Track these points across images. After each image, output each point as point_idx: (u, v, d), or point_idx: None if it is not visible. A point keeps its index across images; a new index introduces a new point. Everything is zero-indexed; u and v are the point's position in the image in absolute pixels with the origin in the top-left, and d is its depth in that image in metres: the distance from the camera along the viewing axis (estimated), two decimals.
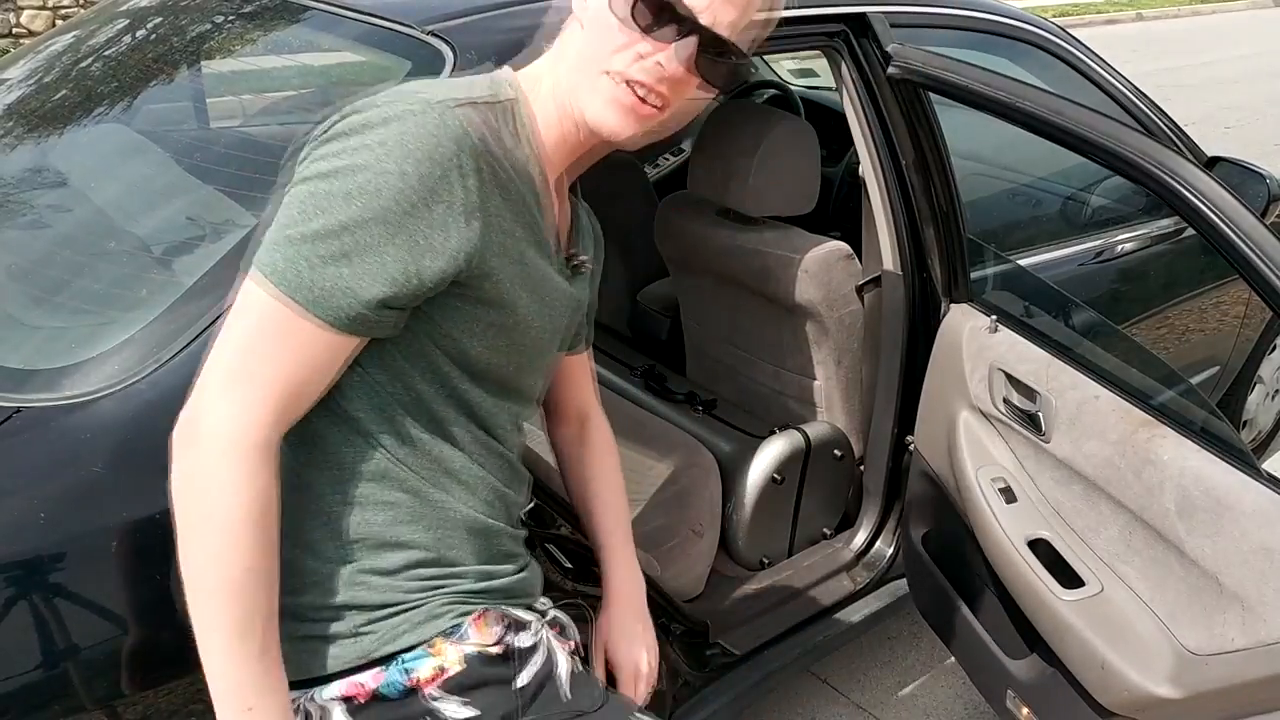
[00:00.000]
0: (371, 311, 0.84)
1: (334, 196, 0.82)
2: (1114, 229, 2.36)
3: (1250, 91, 8.79)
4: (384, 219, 0.82)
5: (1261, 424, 3.07)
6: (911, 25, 1.87)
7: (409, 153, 0.82)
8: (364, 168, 0.82)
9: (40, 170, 1.53)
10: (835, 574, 1.99)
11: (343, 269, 0.82)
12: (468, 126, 0.85)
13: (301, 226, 0.82)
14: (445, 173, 0.83)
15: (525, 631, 1.01)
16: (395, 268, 0.83)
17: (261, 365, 0.83)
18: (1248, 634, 1.34)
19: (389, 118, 0.83)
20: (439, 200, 0.83)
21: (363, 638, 0.94)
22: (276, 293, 0.82)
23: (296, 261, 0.82)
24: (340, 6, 1.56)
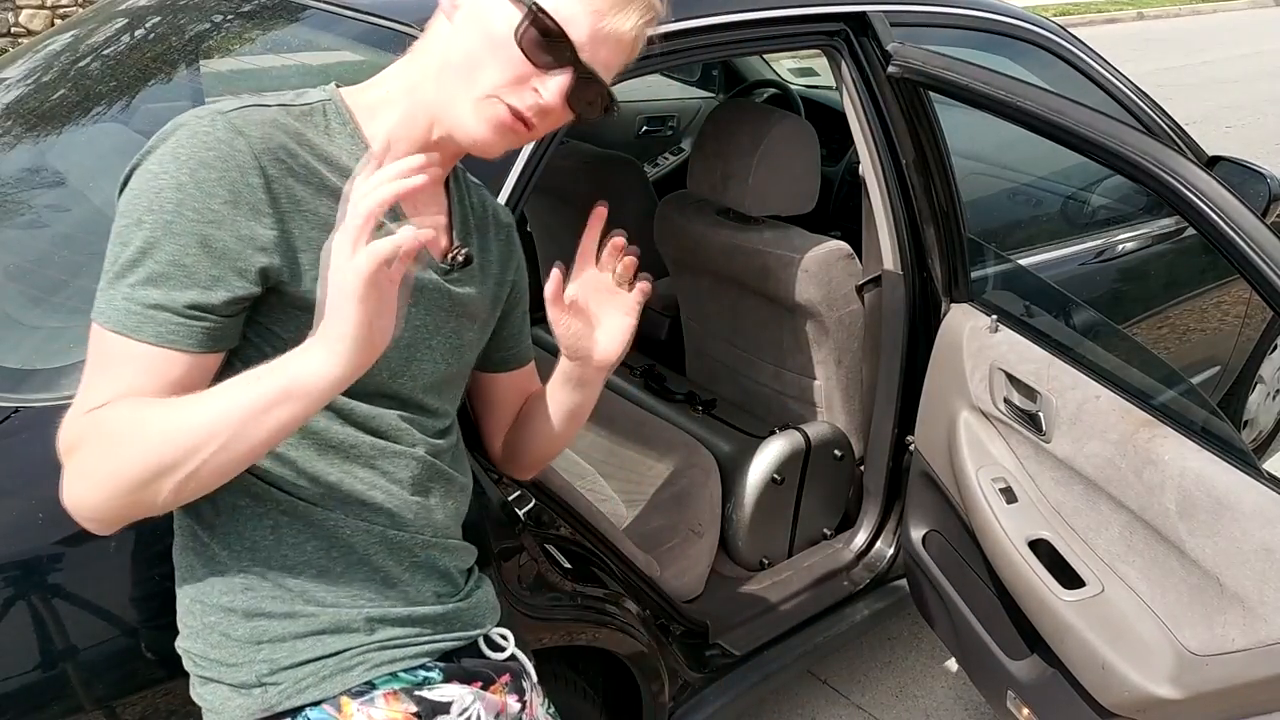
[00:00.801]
0: (192, 319, 0.82)
1: (128, 228, 0.82)
2: (1114, 228, 2.35)
3: (1251, 91, 8.79)
4: (173, 231, 0.81)
5: (1262, 424, 3.07)
6: (912, 24, 1.86)
7: (181, 163, 0.82)
8: (145, 190, 0.82)
9: (39, 170, 1.53)
10: (835, 574, 1.99)
11: (152, 290, 0.82)
12: (243, 127, 0.85)
13: (112, 265, 0.83)
14: (224, 173, 0.83)
15: (444, 715, 0.95)
16: (198, 271, 0.82)
17: (107, 384, 0.83)
18: (1248, 634, 1.34)
19: (165, 136, 0.84)
20: (220, 200, 0.83)
21: (269, 689, 0.92)
22: (108, 333, 0.83)
23: (114, 298, 0.82)
24: (339, 5, 1.56)
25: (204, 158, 0.82)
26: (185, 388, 0.83)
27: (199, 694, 0.95)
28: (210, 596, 0.93)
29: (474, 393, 1.15)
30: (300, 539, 0.92)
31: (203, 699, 0.95)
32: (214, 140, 0.83)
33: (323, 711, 0.92)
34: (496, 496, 1.34)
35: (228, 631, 0.92)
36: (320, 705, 0.92)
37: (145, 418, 0.80)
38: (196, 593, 0.94)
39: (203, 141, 0.83)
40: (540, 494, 1.41)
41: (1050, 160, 2.46)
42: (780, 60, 3.68)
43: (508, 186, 1.31)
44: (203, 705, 0.95)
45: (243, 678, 0.92)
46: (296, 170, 0.87)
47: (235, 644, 0.92)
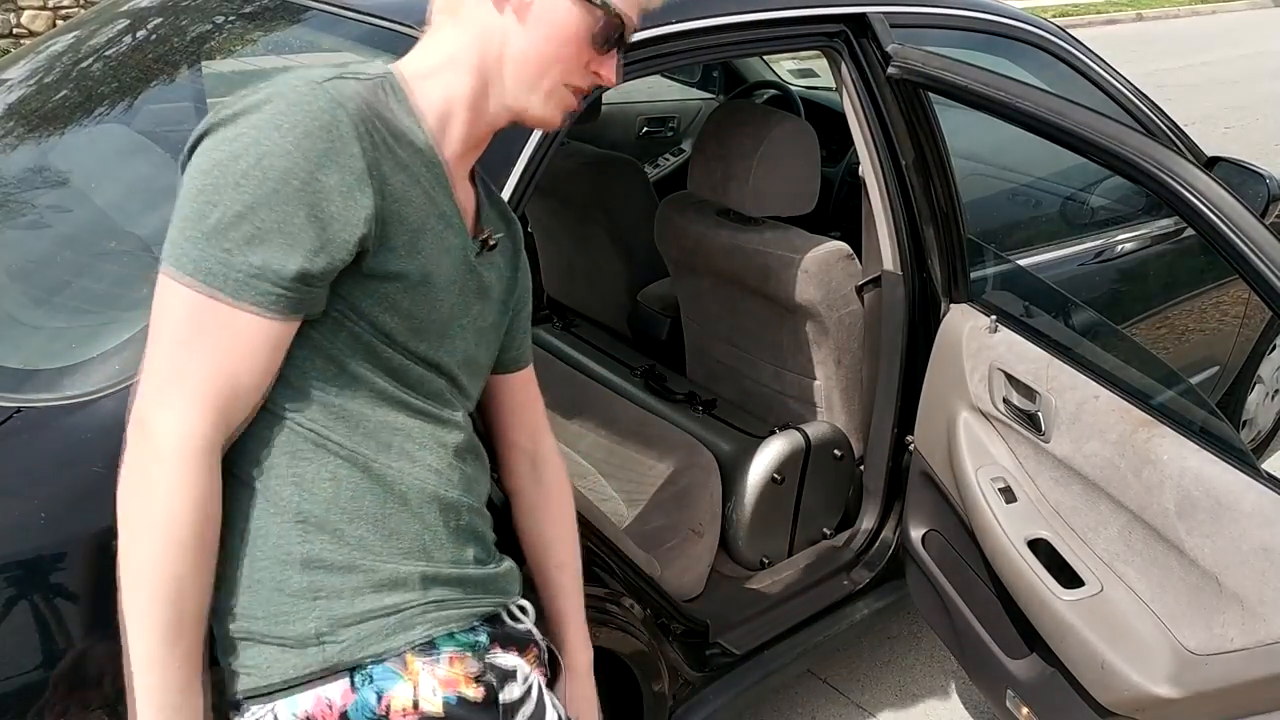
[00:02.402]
0: (291, 290, 0.84)
1: (225, 188, 0.82)
2: (1114, 229, 2.36)
3: (1250, 91, 8.79)
4: (279, 198, 0.82)
5: (1261, 424, 3.07)
6: (911, 25, 1.87)
7: (285, 132, 0.83)
8: (248, 151, 0.83)
9: (41, 170, 1.53)
10: (835, 574, 1.99)
11: (253, 254, 0.82)
12: (341, 97, 0.86)
13: (202, 222, 0.82)
14: (330, 143, 0.84)
15: (513, 682, 0.97)
16: (303, 241, 0.83)
17: (195, 367, 0.83)
18: (1247, 634, 1.34)
19: (262, 101, 0.85)
20: (328, 170, 0.84)
21: (327, 645, 0.90)
22: (199, 287, 0.82)
23: (208, 256, 0.82)
24: (340, 6, 1.56)
25: (308, 127, 0.84)
26: (273, 356, 0.85)
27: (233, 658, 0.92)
28: (262, 548, 0.90)
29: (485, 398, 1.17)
30: (360, 489, 0.92)
31: (240, 663, 0.92)
32: (317, 110, 0.84)
33: (387, 668, 0.91)
34: (497, 497, 1.34)
35: (282, 585, 0.90)
36: (384, 661, 0.91)
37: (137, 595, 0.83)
38: (244, 546, 0.91)
39: (306, 111, 0.84)
40: None
41: (1049, 161, 2.47)
42: (780, 61, 3.68)
43: (509, 187, 1.31)
44: (240, 670, 0.92)
45: (298, 632, 0.90)
46: (379, 143, 0.88)
47: (290, 598, 0.90)
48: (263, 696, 0.91)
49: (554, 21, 0.94)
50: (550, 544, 1.19)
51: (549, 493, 1.19)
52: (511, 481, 1.20)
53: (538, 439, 1.19)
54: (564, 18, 0.94)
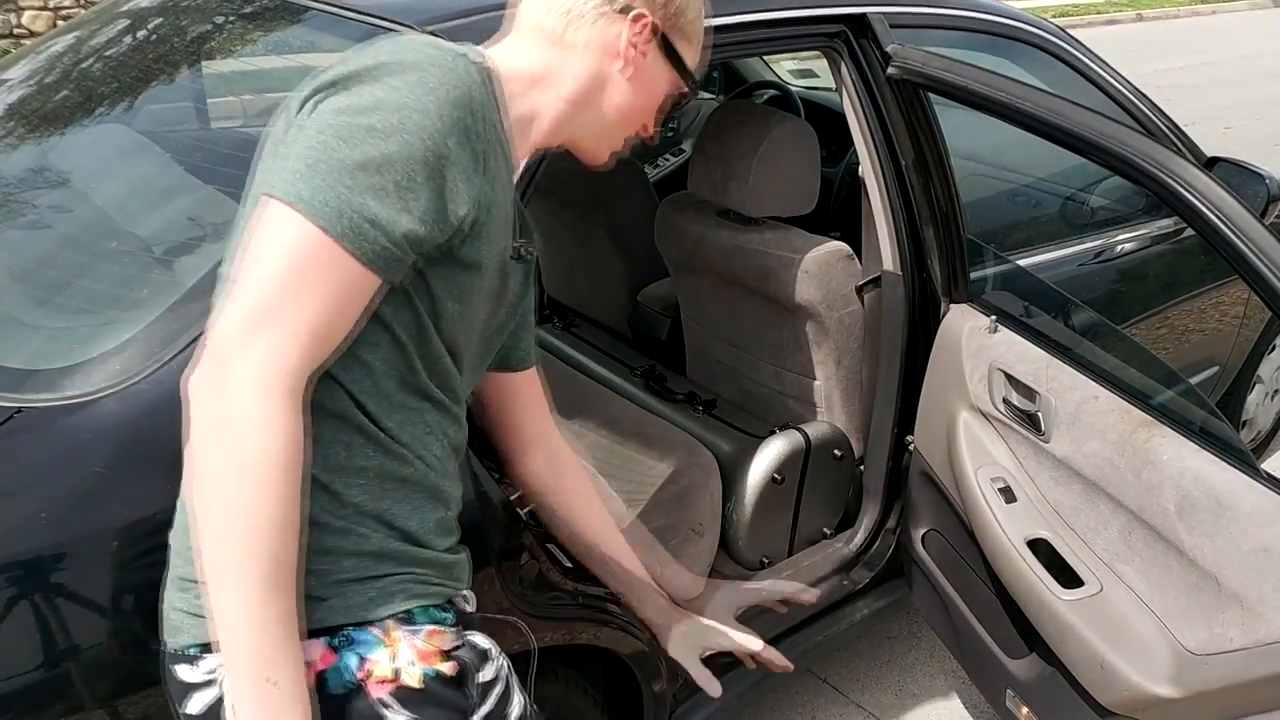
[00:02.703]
0: (399, 249, 0.84)
1: (357, 129, 0.81)
2: (1113, 229, 2.36)
3: (1250, 92, 8.79)
4: (417, 157, 0.82)
5: (1261, 424, 3.07)
6: (911, 26, 1.87)
7: (440, 97, 0.84)
8: (397, 106, 0.82)
9: (42, 170, 1.53)
10: (835, 574, 2.00)
11: (371, 201, 0.81)
12: (480, 78, 0.88)
13: (328, 158, 0.81)
14: (472, 121, 0.86)
15: (488, 663, 0.98)
16: (425, 206, 0.83)
17: (295, 302, 0.80)
18: (1247, 634, 1.34)
19: (417, 61, 0.85)
20: (464, 146, 0.85)
21: (311, 603, 0.88)
22: (308, 225, 0.81)
23: (328, 193, 0.81)
24: (340, 7, 1.56)
25: (454, 96, 0.85)
26: (363, 309, 0.84)
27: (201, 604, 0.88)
28: None
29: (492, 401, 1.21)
30: (369, 463, 0.91)
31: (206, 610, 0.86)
32: (462, 82, 0.86)
33: (368, 634, 0.90)
34: (498, 496, 1.34)
35: None
36: (365, 627, 0.90)
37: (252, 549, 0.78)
38: None
39: (453, 79, 0.85)
40: None
41: (1049, 161, 2.47)
42: (780, 62, 3.68)
43: None
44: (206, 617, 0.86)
45: None
46: (489, 131, 0.90)
47: None
48: None
49: (655, 83, 1.05)
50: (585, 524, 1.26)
51: (570, 478, 1.25)
52: (531, 478, 1.24)
53: (549, 431, 1.24)
54: (663, 84, 1.06)
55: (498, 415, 1.22)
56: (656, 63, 1.04)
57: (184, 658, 0.91)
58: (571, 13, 0.99)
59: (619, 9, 1.00)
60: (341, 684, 0.88)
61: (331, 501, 0.90)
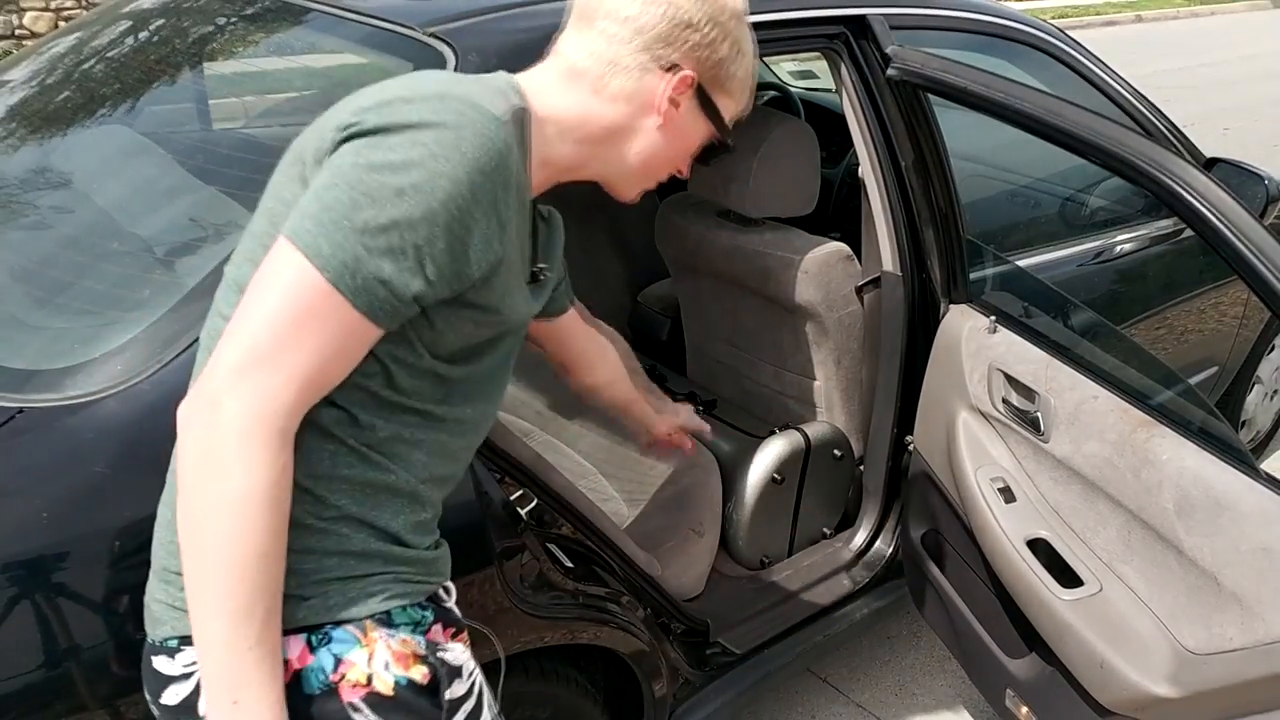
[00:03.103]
0: (405, 306, 0.85)
1: (387, 189, 0.82)
2: (1113, 230, 2.36)
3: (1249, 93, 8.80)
4: (434, 220, 0.83)
5: (1260, 424, 3.07)
6: (911, 27, 1.87)
7: (466, 160, 0.83)
8: (420, 165, 0.82)
9: (43, 171, 1.53)
10: (835, 573, 2.00)
11: (387, 264, 0.82)
12: (512, 143, 0.88)
13: (352, 215, 0.82)
14: (493, 186, 0.85)
15: (459, 680, 0.98)
16: (439, 271, 0.84)
17: (294, 349, 0.81)
18: (1246, 633, 1.35)
19: (448, 121, 0.84)
20: (484, 211, 0.85)
21: (291, 601, 0.88)
22: (318, 278, 0.82)
23: (344, 249, 0.81)
24: (342, 8, 1.56)
25: (484, 164, 0.84)
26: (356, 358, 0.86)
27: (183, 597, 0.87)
28: None
29: (549, 342, 1.36)
30: (352, 472, 0.91)
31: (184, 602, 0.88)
32: (495, 151, 0.85)
33: (346, 633, 0.90)
34: (499, 496, 1.34)
35: None
36: (344, 626, 0.91)
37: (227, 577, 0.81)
38: None
39: (487, 147, 0.85)
40: (542, 493, 1.41)
41: (1048, 162, 2.47)
42: (780, 63, 3.68)
43: None
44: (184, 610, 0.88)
45: None
46: (514, 193, 0.90)
47: None
48: None
49: (687, 134, 1.04)
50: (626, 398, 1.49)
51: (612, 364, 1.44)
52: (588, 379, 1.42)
53: (592, 337, 1.41)
54: (697, 135, 1.05)
55: (555, 351, 1.38)
56: (692, 115, 1.03)
57: (163, 649, 0.92)
58: (616, 64, 0.98)
59: (665, 66, 0.99)
60: (316, 684, 0.89)
61: (315, 504, 0.90)
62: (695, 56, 0.99)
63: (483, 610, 1.32)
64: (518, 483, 1.38)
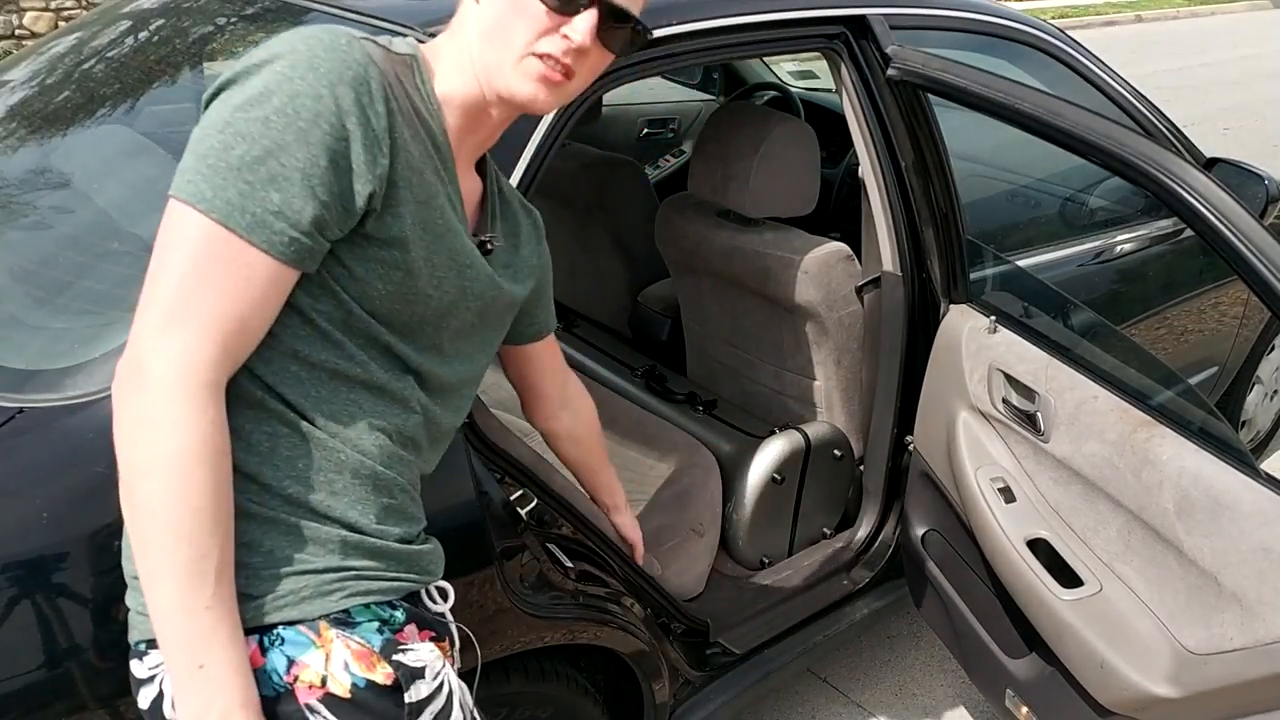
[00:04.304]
0: (306, 235, 0.84)
1: (253, 122, 0.81)
2: (1113, 230, 2.36)
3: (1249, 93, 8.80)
4: (306, 140, 0.82)
5: (1260, 424, 3.07)
6: (911, 27, 1.87)
7: (320, 75, 0.83)
8: (277, 91, 0.82)
9: (43, 171, 1.53)
10: (835, 573, 2.00)
11: (273, 193, 0.81)
12: (374, 56, 0.87)
13: (225, 155, 0.81)
14: (358, 95, 0.85)
15: (421, 681, 0.93)
16: (325, 189, 0.83)
17: (202, 299, 0.81)
18: (1246, 633, 1.35)
19: (296, 46, 0.84)
20: (355, 122, 0.84)
21: (243, 601, 0.86)
22: (209, 223, 0.81)
23: (226, 189, 0.81)
24: (341, 8, 1.56)
25: (344, 75, 0.84)
26: (277, 300, 0.84)
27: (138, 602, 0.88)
28: None
29: (512, 366, 1.31)
30: (296, 452, 0.90)
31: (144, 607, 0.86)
32: (353, 61, 0.85)
33: (299, 633, 0.88)
34: (499, 496, 1.34)
35: None
36: (297, 626, 0.88)
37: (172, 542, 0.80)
38: None
39: (342, 60, 0.84)
40: (542, 493, 1.41)
41: (1048, 162, 2.47)
42: (780, 63, 3.69)
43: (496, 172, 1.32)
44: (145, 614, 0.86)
45: None
46: (402, 110, 0.89)
47: None
48: None
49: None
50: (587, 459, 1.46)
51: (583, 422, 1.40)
52: (548, 424, 1.37)
53: (564, 384, 1.35)
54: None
55: (518, 380, 1.32)
56: None
57: (135, 653, 0.92)
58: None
59: None
60: (271, 686, 0.87)
61: (260, 493, 0.89)
62: None
63: (482, 610, 1.32)
64: (518, 483, 1.38)
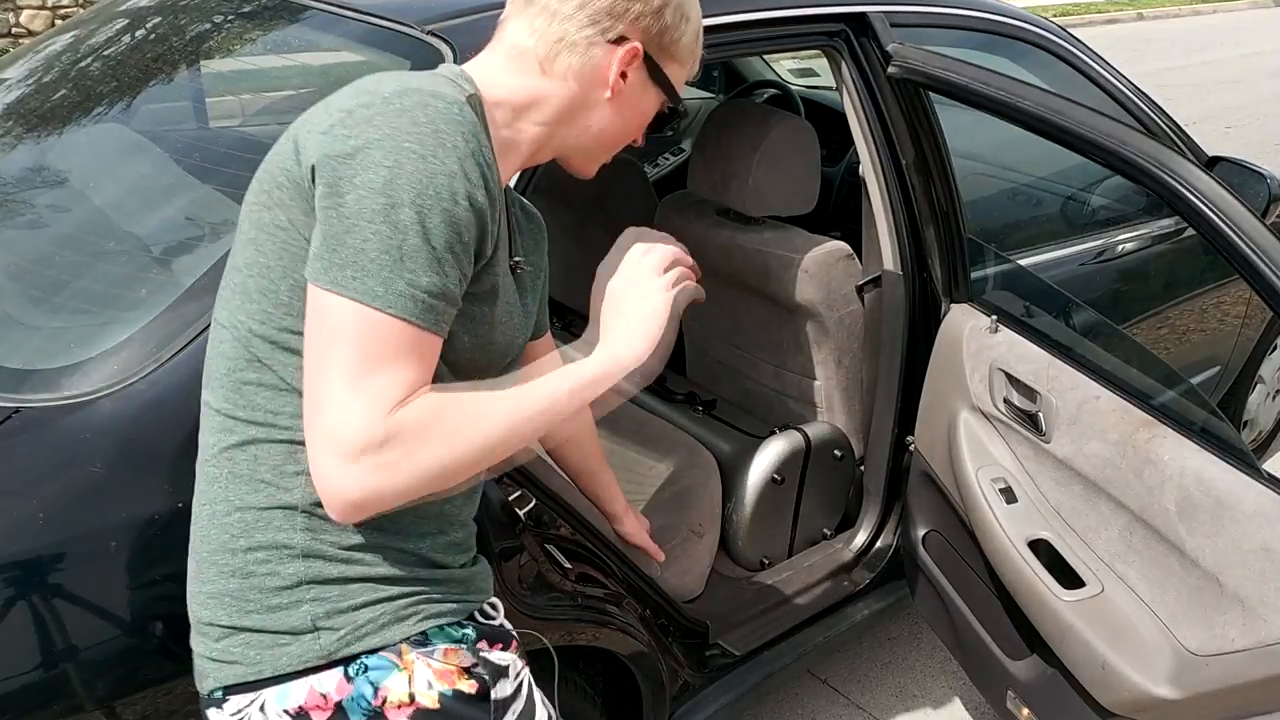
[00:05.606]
0: (453, 305, 0.86)
1: (396, 208, 0.81)
2: (1114, 229, 2.36)
3: (1251, 91, 8.80)
4: (462, 220, 0.84)
5: (1262, 424, 3.07)
6: (912, 25, 1.86)
7: (450, 151, 0.84)
8: (429, 174, 0.82)
9: (40, 170, 1.53)
10: (835, 574, 1.99)
11: (432, 278, 0.83)
12: (478, 123, 0.89)
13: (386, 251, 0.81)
14: (481, 169, 0.86)
15: (505, 679, 0.98)
16: (464, 261, 0.86)
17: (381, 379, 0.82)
18: (1248, 634, 1.34)
19: (416, 117, 0.84)
20: (483, 195, 0.86)
21: (323, 634, 0.89)
22: (387, 316, 0.82)
23: (398, 285, 0.81)
24: (340, 6, 1.56)
25: (466, 148, 0.85)
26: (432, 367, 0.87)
27: (219, 648, 0.91)
28: (259, 537, 0.90)
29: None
30: None
31: (228, 652, 0.90)
32: (471, 133, 0.86)
33: (382, 659, 0.90)
34: (497, 496, 1.34)
35: (276, 569, 0.89)
36: (379, 653, 0.91)
37: (486, 411, 0.86)
38: (240, 534, 0.91)
39: (462, 131, 0.86)
40: (540, 494, 1.41)
41: (1050, 161, 2.46)
42: (780, 61, 3.68)
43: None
44: (223, 661, 0.90)
45: (293, 622, 0.89)
46: (492, 169, 0.90)
47: (285, 589, 0.89)
48: (249, 688, 0.90)
49: (639, 107, 1.04)
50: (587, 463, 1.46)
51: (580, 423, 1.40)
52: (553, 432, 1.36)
53: None
54: (649, 105, 1.04)
55: None
56: (642, 84, 1.02)
57: (211, 702, 0.93)
58: (563, 41, 0.97)
59: (612, 39, 0.98)
60: (360, 711, 0.90)
61: (334, 532, 0.91)
62: (640, 26, 0.99)
63: None
64: (516, 483, 1.37)
